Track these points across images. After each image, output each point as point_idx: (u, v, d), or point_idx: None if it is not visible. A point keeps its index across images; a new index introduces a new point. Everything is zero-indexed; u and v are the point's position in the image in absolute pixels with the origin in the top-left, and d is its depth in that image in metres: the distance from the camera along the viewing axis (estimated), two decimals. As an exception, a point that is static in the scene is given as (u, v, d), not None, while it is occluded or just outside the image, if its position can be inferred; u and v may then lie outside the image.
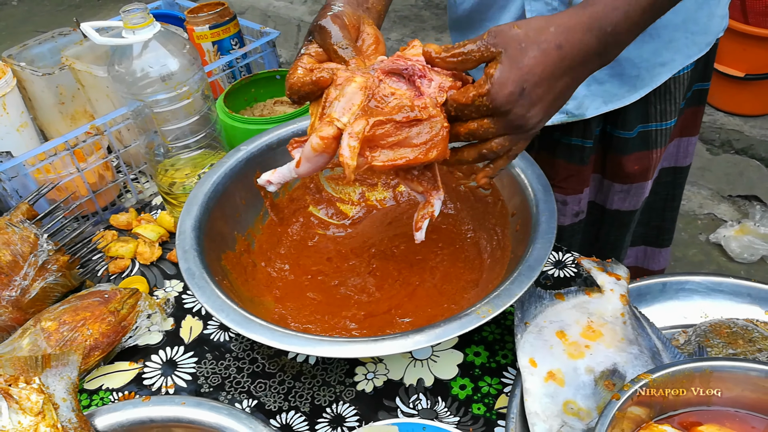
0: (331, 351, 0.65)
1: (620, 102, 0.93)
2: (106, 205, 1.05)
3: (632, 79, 0.91)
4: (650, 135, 0.99)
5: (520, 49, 0.58)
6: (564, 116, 0.94)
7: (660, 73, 0.92)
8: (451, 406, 0.73)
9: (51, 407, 0.59)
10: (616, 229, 1.09)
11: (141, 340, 0.83)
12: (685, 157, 1.08)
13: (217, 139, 0.97)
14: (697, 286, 0.79)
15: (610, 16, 0.59)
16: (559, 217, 1.06)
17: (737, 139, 2.22)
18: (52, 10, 4.53)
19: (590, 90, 0.92)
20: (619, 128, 0.97)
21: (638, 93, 0.93)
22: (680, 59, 0.93)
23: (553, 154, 1.01)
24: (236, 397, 0.75)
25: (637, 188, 1.03)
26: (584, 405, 0.66)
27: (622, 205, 1.06)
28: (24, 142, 1.09)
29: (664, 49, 0.90)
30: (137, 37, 0.83)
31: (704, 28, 0.92)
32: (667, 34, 0.88)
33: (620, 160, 1.00)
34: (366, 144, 0.62)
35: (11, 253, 0.81)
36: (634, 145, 0.98)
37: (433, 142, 0.62)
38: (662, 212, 1.13)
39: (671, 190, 1.11)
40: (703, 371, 0.62)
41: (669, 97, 0.96)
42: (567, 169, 1.01)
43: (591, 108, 0.93)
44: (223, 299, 0.70)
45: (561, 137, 0.99)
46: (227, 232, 0.86)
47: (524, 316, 0.74)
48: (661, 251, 1.17)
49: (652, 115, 0.97)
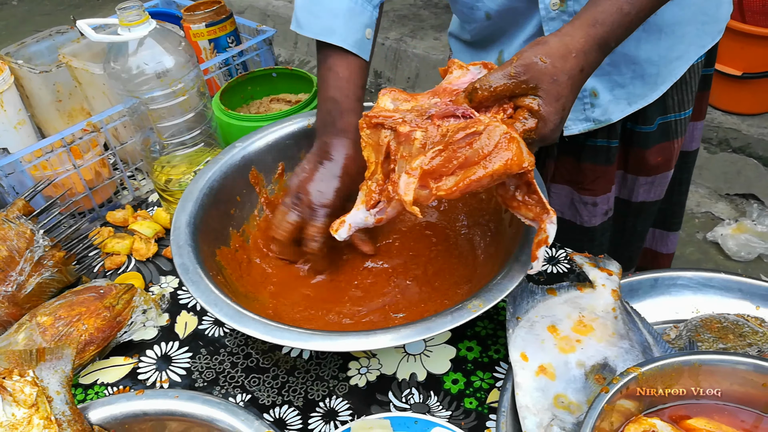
0: (323, 345, 0.65)
1: (644, 101, 0.94)
2: (102, 201, 1.06)
3: (653, 77, 0.92)
4: (670, 126, 1.00)
5: (554, 82, 0.63)
6: (591, 124, 0.95)
7: (678, 66, 0.94)
8: (443, 401, 0.73)
9: (44, 400, 0.60)
10: (642, 220, 1.11)
11: (136, 336, 0.83)
12: (691, 142, 1.09)
13: (213, 136, 0.97)
14: (689, 282, 0.79)
15: (616, 34, 0.67)
16: (591, 218, 1.06)
17: (735, 137, 2.22)
18: (52, 10, 4.54)
19: (614, 95, 0.93)
20: (640, 123, 0.98)
21: (660, 90, 0.94)
22: (694, 50, 0.94)
23: (578, 158, 1.01)
24: (230, 392, 0.76)
25: (661, 178, 1.05)
26: (575, 399, 0.67)
27: (648, 197, 1.07)
28: (21, 140, 1.09)
29: (679, 43, 0.91)
30: (133, 34, 0.83)
31: (713, 18, 0.93)
32: (680, 30, 0.90)
33: (643, 154, 1.01)
34: (429, 177, 0.63)
35: (7, 249, 0.82)
36: (654, 137, 1.00)
37: (498, 149, 0.61)
38: (670, 195, 1.14)
39: (679, 174, 1.12)
40: (692, 365, 0.62)
41: (685, 87, 0.97)
42: (594, 171, 1.01)
43: (616, 112, 0.94)
44: (217, 294, 0.71)
45: (586, 140, 0.99)
46: (222, 228, 0.87)
47: (516, 311, 0.74)
48: (670, 235, 1.18)
49: (670, 107, 0.98)
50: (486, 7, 0.90)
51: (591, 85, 0.92)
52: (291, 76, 1.12)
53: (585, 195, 1.03)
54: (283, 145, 0.95)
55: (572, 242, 0.94)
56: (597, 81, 0.92)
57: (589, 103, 0.93)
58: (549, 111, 0.63)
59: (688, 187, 1.16)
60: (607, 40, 0.67)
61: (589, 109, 0.94)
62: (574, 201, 1.05)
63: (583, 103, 0.93)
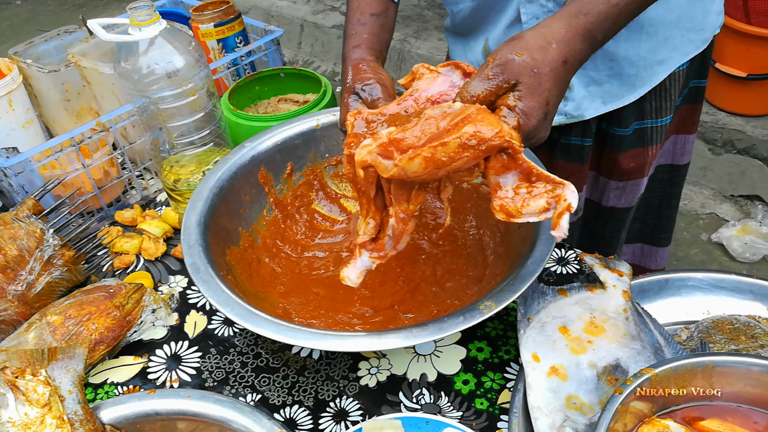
0: (335, 345, 0.65)
1: (620, 102, 0.94)
2: (111, 201, 1.06)
3: (631, 78, 0.91)
4: (646, 132, 0.99)
5: (535, 74, 0.59)
6: (563, 117, 0.94)
7: (658, 71, 0.93)
8: (454, 401, 0.73)
9: (57, 399, 0.60)
10: (611, 226, 1.09)
11: (146, 335, 0.83)
12: (682, 155, 1.08)
13: (221, 136, 0.97)
14: (699, 283, 0.79)
15: (602, 26, 0.63)
16: None
17: (739, 139, 2.22)
18: (56, 9, 4.54)
19: (589, 91, 0.92)
20: (615, 125, 0.98)
21: (637, 92, 0.93)
22: (677, 57, 0.93)
23: (551, 154, 1.01)
24: (240, 392, 0.76)
25: (632, 185, 1.03)
26: (587, 400, 0.66)
27: (618, 202, 1.06)
28: (30, 139, 1.09)
29: (661, 47, 0.90)
30: (143, 34, 0.83)
31: (699, 25, 0.92)
32: (663, 32, 0.89)
33: (616, 157, 1.00)
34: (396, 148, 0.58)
35: (17, 248, 0.82)
36: (629, 142, 0.99)
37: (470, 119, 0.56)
38: (659, 209, 1.12)
39: (668, 188, 1.11)
40: (705, 366, 0.62)
41: (665, 94, 0.96)
42: (567, 169, 1.01)
43: (590, 109, 0.94)
44: (228, 293, 0.71)
45: (560, 137, 0.99)
46: (232, 227, 0.87)
47: (527, 311, 0.74)
48: (659, 251, 1.17)
49: (648, 112, 0.97)
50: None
51: None
52: (299, 76, 1.12)
53: None
54: (291, 145, 0.95)
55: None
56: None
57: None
58: (530, 106, 0.59)
59: (678, 201, 1.14)
60: (591, 31, 0.62)
61: (561, 103, 0.92)
62: None
63: None
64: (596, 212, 1.08)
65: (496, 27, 0.92)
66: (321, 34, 3.38)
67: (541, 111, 0.59)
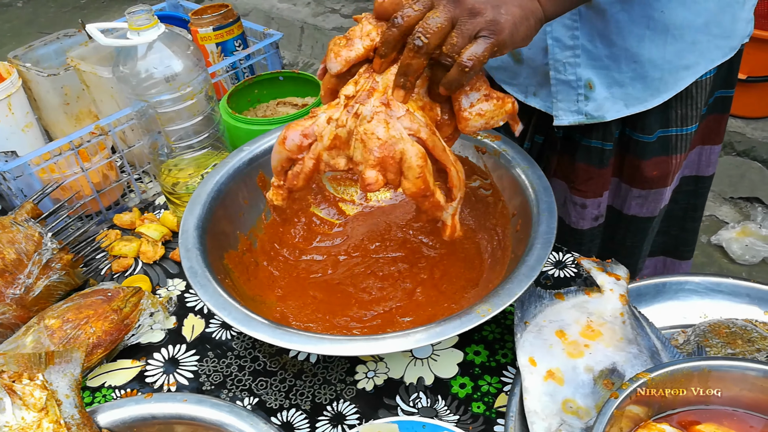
0: (331, 349, 0.66)
1: (642, 106, 0.92)
2: (110, 204, 1.06)
3: (655, 82, 0.90)
4: (670, 140, 0.97)
5: None
6: (583, 117, 0.93)
7: (684, 77, 0.91)
8: (450, 405, 0.73)
9: (54, 403, 0.60)
10: (632, 235, 1.07)
11: (143, 338, 0.84)
12: (707, 166, 1.06)
13: (220, 140, 0.98)
14: (696, 287, 0.79)
15: None
16: (579, 221, 1.05)
17: (739, 141, 2.22)
18: (57, 12, 4.55)
19: (611, 92, 0.91)
20: (639, 131, 0.96)
21: (661, 97, 0.91)
22: (704, 63, 0.91)
23: (573, 157, 1.00)
24: (237, 395, 0.76)
25: (655, 194, 1.01)
26: (583, 404, 0.67)
27: (640, 211, 1.04)
28: (29, 142, 1.10)
29: (688, 51, 0.88)
30: (142, 38, 0.84)
31: (728, 32, 0.90)
32: (690, 36, 0.87)
33: (639, 164, 0.98)
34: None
35: (16, 252, 0.82)
36: (653, 149, 0.97)
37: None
38: (683, 222, 1.10)
39: (692, 200, 1.08)
40: (701, 370, 0.62)
41: (690, 101, 0.94)
42: (587, 172, 1.00)
43: (612, 111, 0.92)
44: (225, 297, 0.71)
45: (581, 139, 0.97)
46: (230, 231, 0.87)
47: (524, 315, 0.75)
48: (681, 263, 1.14)
49: (673, 120, 0.95)
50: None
51: (587, 76, 0.89)
52: (298, 80, 1.12)
53: (575, 195, 1.02)
54: (290, 148, 0.95)
55: (559, 241, 0.92)
56: (594, 73, 0.89)
57: (583, 95, 0.91)
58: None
59: (701, 213, 1.11)
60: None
61: (582, 101, 0.91)
62: (567, 200, 1.04)
63: (576, 94, 0.91)
64: (617, 220, 1.07)
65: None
66: (321, 36, 3.38)
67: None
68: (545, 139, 1.02)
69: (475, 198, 0.92)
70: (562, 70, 0.90)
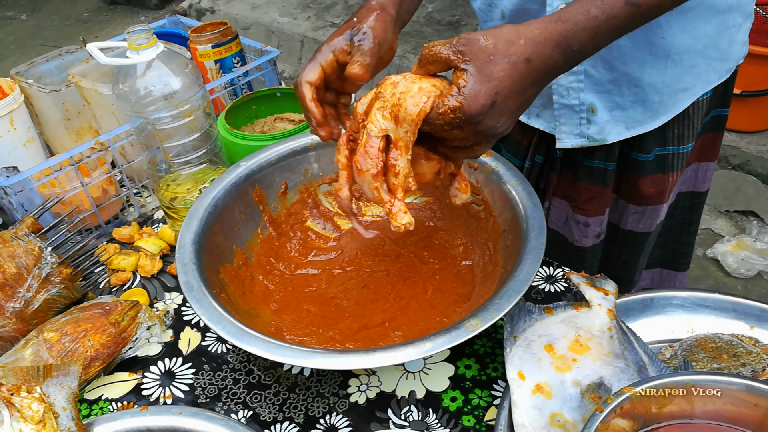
0: (324, 363, 0.67)
1: (643, 128, 0.94)
2: (109, 218, 1.08)
3: (655, 105, 0.92)
4: (667, 158, 0.99)
5: (489, 61, 0.60)
6: (585, 140, 0.95)
7: (682, 99, 0.92)
8: (441, 418, 0.74)
9: (51, 416, 0.61)
10: (628, 249, 1.09)
11: (140, 351, 0.85)
12: (703, 182, 1.08)
13: (218, 155, 1.00)
14: (684, 302, 0.80)
15: (579, 36, 0.63)
16: (582, 238, 1.06)
17: (734, 155, 2.24)
18: (60, 25, 4.60)
19: (613, 116, 0.93)
20: (637, 150, 0.98)
21: (660, 119, 0.93)
22: (701, 85, 0.93)
23: (575, 177, 1.02)
24: (232, 408, 0.77)
25: (651, 211, 1.03)
26: (570, 417, 0.68)
27: (636, 227, 1.05)
28: (30, 157, 1.12)
29: (686, 74, 0.90)
30: (141, 57, 0.86)
31: (725, 54, 0.92)
32: (689, 60, 0.89)
33: (636, 182, 1.00)
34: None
35: (16, 266, 0.83)
36: (650, 167, 0.99)
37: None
38: (679, 235, 1.12)
39: (689, 215, 1.10)
40: (685, 385, 0.63)
41: (687, 121, 0.96)
42: (589, 191, 1.02)
43: (613, 133, 0.94)
44: (220, 311, 0.73)
45: (583, 160, 0.99)
46: (226, 245, 0.88)
47: (513, 329, 0.76)
48: (678, 275, 1.16)
49: (670, 139, 0.97)
50: (503, 5, 0.91)
51: (590, 101, 0.92)
52: (295, 96, 1.14)
53: (578, 214, 1.04)
54: (286, 163, 0.97)
55: (563, 259, 0.94)
56: (597, 98, 0.91)
57: (586, 119, 0.93)
58: (475, 89, 0.59)
59: (697, 227, 1.13)
60: (567, 39, 0.62)
61: (584, 125, 0.94)
62: (569, 218, 1.06)
63: (579, 117, 0.93)
64: (615, 234, 1.08)
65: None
66: (321, 49, 3.41)
67: (488, 98, 0.60)
68: (545, 159, 1.04)
69: (467, 213, 0.94)
70: (566, 94, 0.92)
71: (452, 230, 0.95)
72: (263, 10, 3.72)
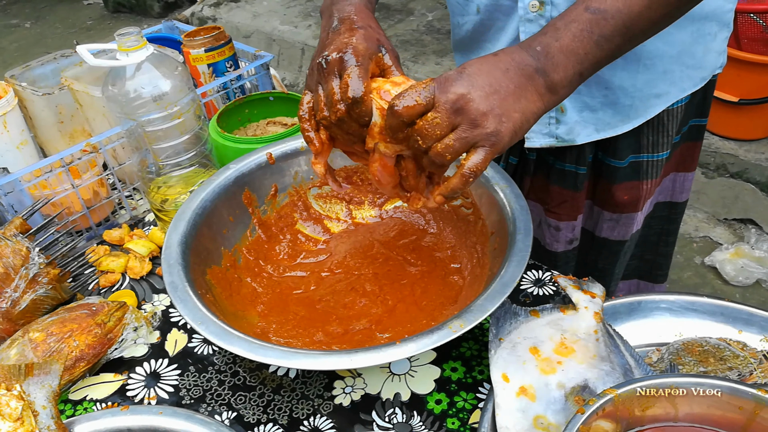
0: (306, 363, 0.67)
1: (613, 131, 0.93)
2: (100, 220, 1.08)
3: (625, 108, 0.91)
4: (641, 166, 0.99)
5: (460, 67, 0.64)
6: (554, 140, 0.94)
7: (654, 104, 0.92)
8: (426, 420, 0.74)
9: (30, 414, 0.61)
10: (604, 258, 1.09)
11: (126, 352, 0.85)
12: (681, 193, 1.07)
13: (208, 158, 1.00)
14: (671, 305, 0.80)
15: (539, 38, 0.66)
16: (553, 243, 1.06)
17: (732, 163, 2.24)
18: (64, 33, 4.64)
19: (582, 117, 0.92)
20: (611, 156, 0.98)
21: (631, 123, 0.93)
22: (675, 92, 0.93)
23: (547, 180, 1.02)
24: (216, 409, 0.77)
25: (626, 219, 1.03)
26: (554, 420, 0.67)
27: (611, 234, 1.05)
28: (24, 159, 1.12)
29: (659, 80, 0.90)
30: (130, 59, 0.86)
31: (700, 62, 0.92)
32: (662, 66, 0.89)
33: (610, 189, 1.00)
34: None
35: (3, 266, 0.83)
36: (624, 174, 0.98)
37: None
38: (656, 246, 1.12)
39: (666, 225, 1.10)
40: (668, 387, 0.63)
41: (662, 129, 0.96)
42: (561, 195, 1.01)
43: (582, 135, 0.94)
44: (204, 312, 0.72)
45: (555, 162, 0.99)
46: (214, 247, 0.88)
47: (499, 332, 0.75)
48: (655, 287, 1.16)
49: (644, 146, 0.97)
50: (478, 0, 0.91)
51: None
52: (287, 100, 1.15)
53: (550, 217, 1.03)
54: (276, 166, 0.97)
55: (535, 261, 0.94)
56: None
57: (555, 119, 0.93)
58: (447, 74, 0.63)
59: (675, 238, 1.13)
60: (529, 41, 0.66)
61: (553, 125, 0.93)
62: (542, 221, 1.06)
63: (548, 117, 0.93)
64: (590, 242, 1.08)
65: (497, 45, 0.93)
66: (321, 57, 3.42)
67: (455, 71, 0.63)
68: (519, 161, 1.04)
69: (456, 216, 0.94)
70: None
71: (441, 233, 0.95)
72: (264, 19, 3.75)
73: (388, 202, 1.01)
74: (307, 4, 3.85)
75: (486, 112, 0.61)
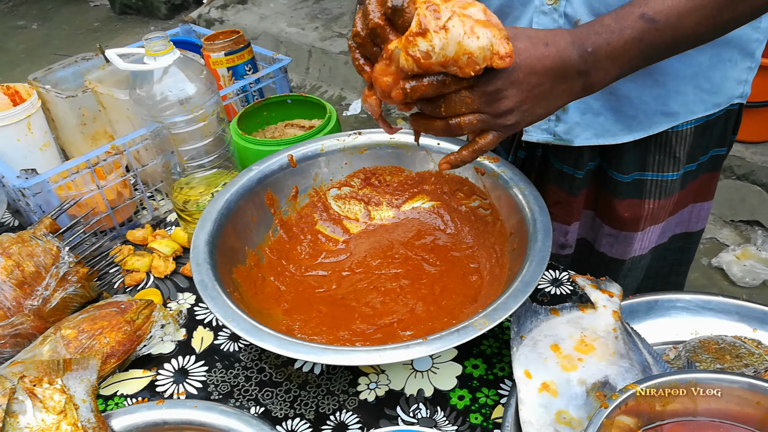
0: (336, 359, 0.69)
1: (612, 139, 0.92)
2: (123, 221, 1.10)
3: (628, 119, 0.90)
4: (645, 184, 0.97)
5: (512, 35, 0.63)
6: (551, 137, 0.94)
7: (660, 121, 0.91)
8: (449, 416, 0.76)
9: (72, 407, 0.63)
10: (601, 273, 1.07)
11: (154, 349, 0.87)
12: (697, 222, 1.06)
13: (230, 159, 1.02)
14: (687, 304, 0.82)
15: (592, 38, 0.66)
16: None
17: (739, 165, 2.26)
18: (71, 34, 4.66)
19: (584, 119, 0.92)
20: (614, 169, 0.97)
21: (632, 135, 0.92)
22: (684, 113, 0.91)
23: (547, 178, 1.02)
24: (244, 404, 0.79)
25: (624, 237, 1.02)
26: (576, 415, 0.69)
27: (609, 251, 1.05)
28: (46, 161, 1.14)
29: (669, 98, 0.89)
30: (158, 63, 0.88)
31: (716, 88, 0.89)
32: (674, 84, 0.87)
33: (612, 202, 1.00)
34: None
35: (34, 265, 0.86)
36: (627, 190, 0.98)
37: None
38: (668, 276, 1.10)
39: (680, 255, 1.08)
40: (688, 383, 0.65)
41: (669, 149, 0.95)
42: (556, 195, 1.02)
43: (581, 137, 0.93)
44: (234, 309, 0.74)
45: (554, 161, 1.00)
46: (239, 247, 0.90)
47: (520, 329, 0.77)
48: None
49: (650, 164, 0.96)
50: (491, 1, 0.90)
51: None
52: (305, 103, 1.17)
53: None
54: (297, 168, 0.99)
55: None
56: None
57: (555, 116, 0.92)
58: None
59: (687, 268, 1.11)
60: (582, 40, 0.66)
61: (553, 121, 0.92)
62: None
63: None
64: (589, 254, 1.08)
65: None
66: (328, 59, 3.46)
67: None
68: (527, 156, 1.05)
69: (474, 217, 0.96)
70: None
71: (459, 234, 0.97)
72: (271, 21, 3.77)
73: (406, 203, 1.03)
74: (313, 6, 3.88)
75: (513, 108, 0.65)
